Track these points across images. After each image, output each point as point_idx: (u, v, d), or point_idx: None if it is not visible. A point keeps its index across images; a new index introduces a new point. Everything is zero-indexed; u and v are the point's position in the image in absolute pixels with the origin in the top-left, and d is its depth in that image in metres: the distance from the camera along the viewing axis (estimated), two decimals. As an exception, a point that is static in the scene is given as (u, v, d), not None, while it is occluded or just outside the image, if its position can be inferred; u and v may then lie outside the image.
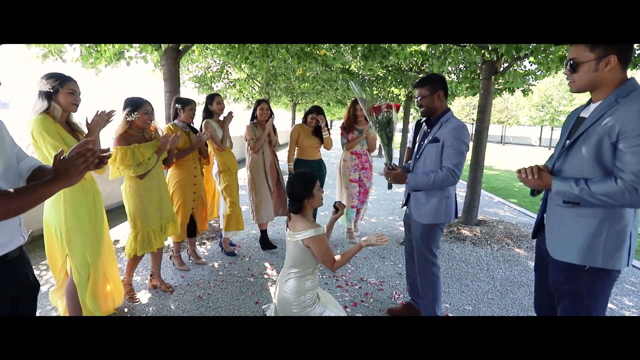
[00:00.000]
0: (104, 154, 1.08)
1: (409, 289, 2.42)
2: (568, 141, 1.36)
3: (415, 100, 2.06)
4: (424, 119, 2.17)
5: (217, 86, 7.05)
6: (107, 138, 2.29)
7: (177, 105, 2.86)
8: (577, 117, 1.39)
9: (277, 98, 9.65)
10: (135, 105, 2.21)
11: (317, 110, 3.56)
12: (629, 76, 1.27)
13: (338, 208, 1.87)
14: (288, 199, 1.75)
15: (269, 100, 9.16)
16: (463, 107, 28.66)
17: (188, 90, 6.66)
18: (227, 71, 6.87)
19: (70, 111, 1.82)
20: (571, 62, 1.30)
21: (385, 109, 2.03)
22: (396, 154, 12.84)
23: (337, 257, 1.68)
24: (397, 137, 13.74)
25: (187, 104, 2.84)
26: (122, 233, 3.81)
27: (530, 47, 2.87)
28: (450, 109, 2.04)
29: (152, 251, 2.48)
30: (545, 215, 1.45)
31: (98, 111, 1.90)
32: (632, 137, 1.14)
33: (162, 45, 3.24)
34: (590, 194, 1.21)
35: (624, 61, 1.22)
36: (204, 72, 6.64)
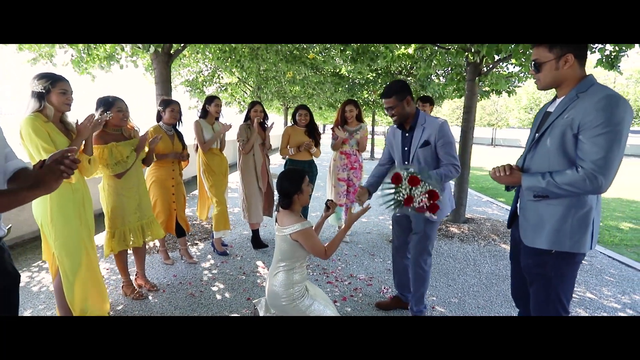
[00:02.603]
0: (75, 161, 1.11)
1: (397, 283, 2.49)
2: (537, 134, 1.46)
3: (386, 111, 2.08)
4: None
5: (208, 90, 7.10)
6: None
7: (159, 107, 2.91)
8: (545, 112, 1.49)
9: (269, 102, 9.73)
10: (108, 104, 2.21)
11: (303, 108, 3.64)
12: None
13: (330, 206, 1.95)
14: (278, 195, 1.81)
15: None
16: (454, 111, 29.02)
17: (179, 94, 6.72)
18: (219, 75, 6.93)
19: (63, 111, 1.85)
20: (534, 62, 1.40)
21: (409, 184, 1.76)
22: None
23: (327, 245, 1.77)
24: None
25: (168, 105, 2.87)
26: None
27: (510, 48, 3.00)
28: (418, 108, 2.11)
29: (132, 250, 2.51)
30: (518, 205, 1.55)
31: (93, 115, 1.94)
32: (590, 128, 1.24)
33: (151, 46, 3.28)
34: (555, 185, 1.30)
35: (581, 58, 1.32)
36: (196, 76, 6.69)
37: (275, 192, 1.97)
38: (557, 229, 1.34)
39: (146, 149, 2.53)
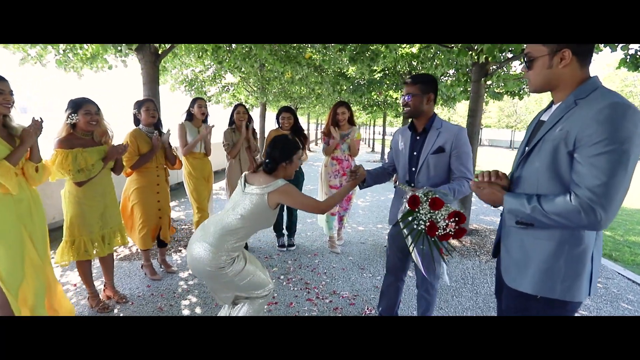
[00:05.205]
0: None
1: (383, 305, 2.19)
2: (527, 148, 1.20)
3: (402, 97, 1.85)
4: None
5: (210, 90, 7.01)
6: (49, 141, 2.15)
7: (134, 110, 2.72)
8: (538, 120, 1.23)
9: (274, 103, 9.58)
10: (76, 106, 2.07)
11: (287, 110, 3.44)
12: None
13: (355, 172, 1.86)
14: (265, 158, 1.73)
15: (266, 104, 9.12)
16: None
17: (178, 93, 6.63)
18: (221, 75, 6.82)
19: (1, 112, 1.71)
20: (526, 56, 1.14)
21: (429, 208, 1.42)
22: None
23: (325, 200, 1.75)
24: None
25: (142, 105, 2.69)
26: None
27: (511, 48, 2.71)
28: (435, 113, 1.87)
29: (98, 259, 2.37)
30: (502, 233, 1.28)
31: (33, 118, 1.80)
32: (588, 145, 0.97)
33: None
34: (543, 214, 1.03)
35: (581, 56, 1.05)
36: (195, 75, 6.59)
37: None
38: (545, 270, 1.08)
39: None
